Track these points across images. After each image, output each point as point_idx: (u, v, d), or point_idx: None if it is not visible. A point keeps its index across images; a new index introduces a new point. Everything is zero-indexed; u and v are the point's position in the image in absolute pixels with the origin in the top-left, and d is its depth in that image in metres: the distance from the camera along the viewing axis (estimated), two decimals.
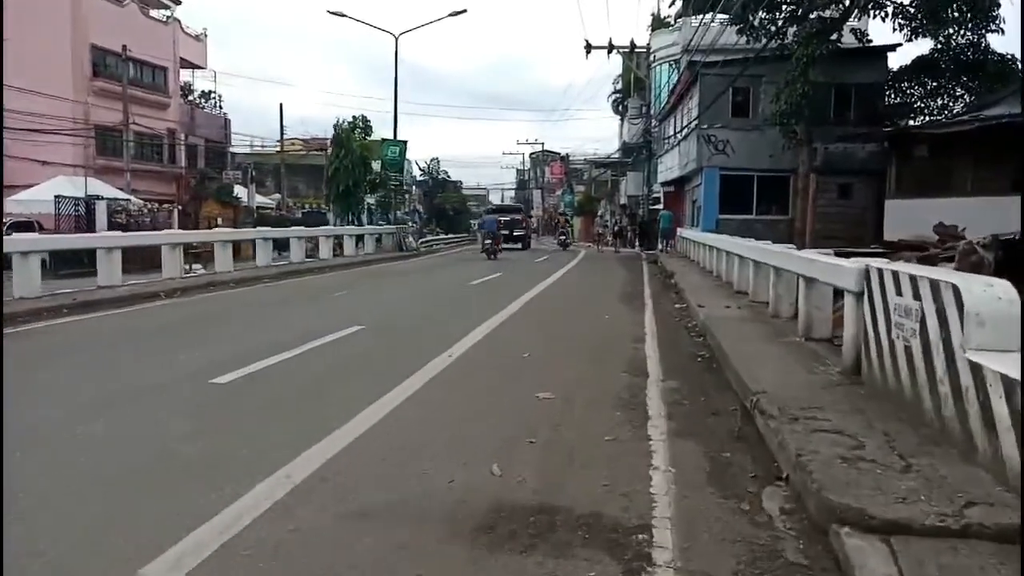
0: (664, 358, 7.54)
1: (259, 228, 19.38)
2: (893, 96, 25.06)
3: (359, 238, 24.88)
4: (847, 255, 12.63)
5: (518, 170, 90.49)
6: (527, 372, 6.81)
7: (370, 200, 30.83)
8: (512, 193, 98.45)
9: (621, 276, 18.64)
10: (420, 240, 31.54)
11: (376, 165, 28.56)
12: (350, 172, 25.06)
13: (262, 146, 49.32)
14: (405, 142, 29.09)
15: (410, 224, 32.18)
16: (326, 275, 17.57)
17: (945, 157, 17.06)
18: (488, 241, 25.21)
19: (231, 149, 45.38)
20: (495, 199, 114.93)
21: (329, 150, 26.16)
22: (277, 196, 43.71)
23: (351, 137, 25.88)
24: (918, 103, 25.40)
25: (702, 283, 15.05)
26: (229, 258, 15.93)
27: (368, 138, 27.55)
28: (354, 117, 27.56)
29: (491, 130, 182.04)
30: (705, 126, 23.97)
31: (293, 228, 20.64)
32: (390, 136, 29.09)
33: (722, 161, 24.14)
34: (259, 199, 46.26)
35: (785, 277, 9.40)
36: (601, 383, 6.35)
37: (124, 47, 33.04)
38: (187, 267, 16.88)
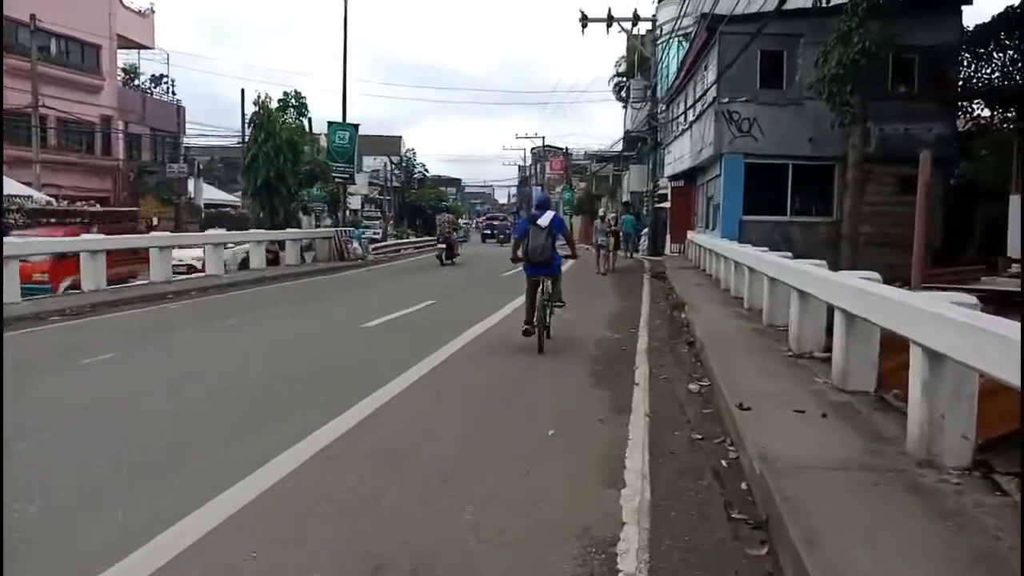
0: None
1: (91, 236, 13.99)
2: (968, 64, 19.59)
3: (276, 245, 19.48)
4: None
5: (520, 167, 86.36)
6: None
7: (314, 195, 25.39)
8: (514, 190, 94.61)
9: (608, 307, 13.22)
10: (374, 245, 26.12)
11: (321, 153, 23.28)
12: (272, 160, 19.73)
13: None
14: (356, 126, 23.72)
15: (360, 227, 26.74)
16: (161, 307, 11.92)
17: None
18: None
19: (185, 140, 40.05)
20: (500, 197, 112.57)
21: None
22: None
23: (273, 117, 20.53)
24: (997, 74, 19.94)
25: (729, 327, 9.65)
26: (15, 284, 10.59)
27: (303, 118, 22.17)
28: (285, 93, 22.23)
29: (494, 126, 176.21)
30: (726, 100, 18.51)
31: (164, 235, 15.31)
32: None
33: (747, 146, 18.68)
34: (223, 196, 41.13)
35: (953, 369, 4.04)
36: None
37: (32, 16, 27.82)
38: None
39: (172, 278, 14.52)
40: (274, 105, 21.86)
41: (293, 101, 22.00)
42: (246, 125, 20.58)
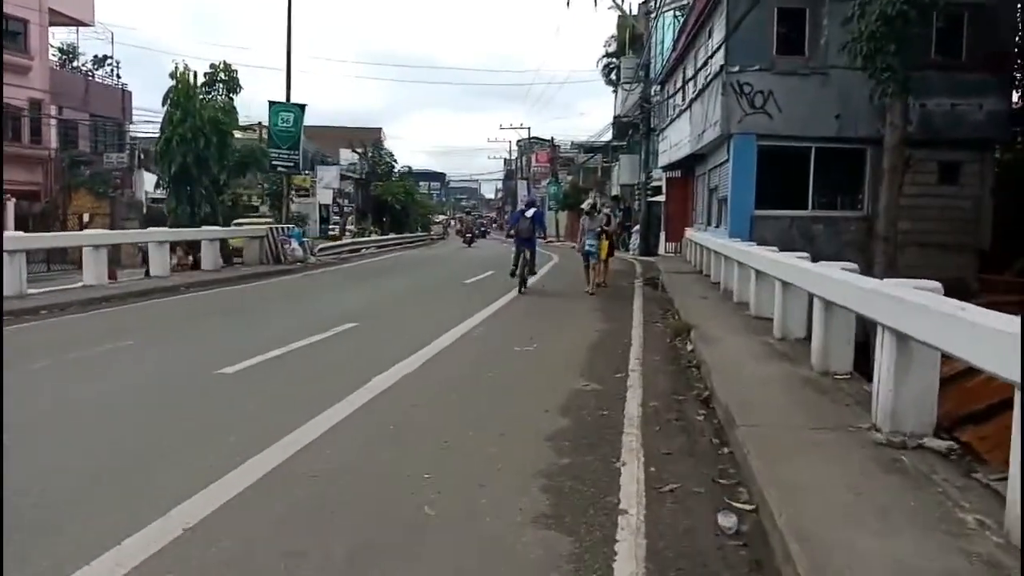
0: None
1: None
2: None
3: (184, 247, 16.03)
4: None
5: (506, 160, 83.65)
6: None
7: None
8: (499, 184, 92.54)
9: (587, 331, 9.95)
10: (323, 245, 22.73)
11: (268, 140, 19.79)
12: (189, 144, 16.36)
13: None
14: (302, 106, 20.32)
15: (302, 224, 23.38)
16: None
17: None
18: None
19: (131, 128, 36.32)
20: (487, 191, 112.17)
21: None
22: None
23: (193, 93, 17.09)
24: None
25: (763, 375, 6.28)
26: None
27: (233, 96, 18.72)
28: (212, 66, 18.67)
29: (479, 119, 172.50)
30: (735, 69, 15.25)
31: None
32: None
33: (761, 125, 15.44)
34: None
35: None
36: None
37: None
38: None
39: (26, 292, 11.20)
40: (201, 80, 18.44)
41: (222, 75, 18.52)
42: (162, 102, 17.13)
